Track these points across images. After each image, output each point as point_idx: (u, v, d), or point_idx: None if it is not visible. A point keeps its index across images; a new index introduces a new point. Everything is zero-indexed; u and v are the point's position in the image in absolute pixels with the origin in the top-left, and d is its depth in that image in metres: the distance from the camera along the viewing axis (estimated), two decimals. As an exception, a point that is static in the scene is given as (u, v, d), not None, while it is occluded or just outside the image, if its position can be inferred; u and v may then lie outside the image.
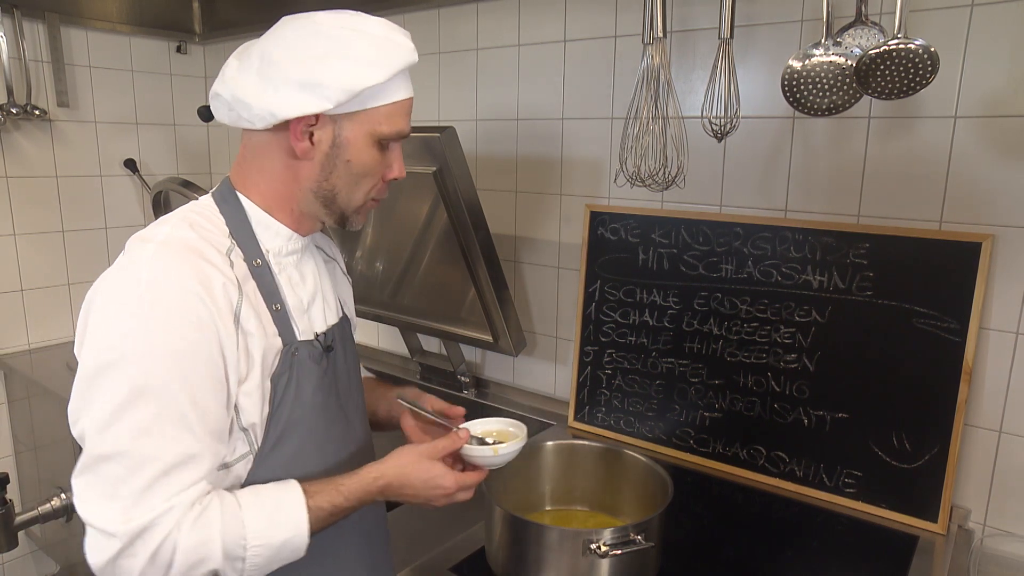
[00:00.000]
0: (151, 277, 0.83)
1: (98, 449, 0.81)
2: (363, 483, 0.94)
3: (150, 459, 0.80)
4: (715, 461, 1.56)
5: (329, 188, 0.94)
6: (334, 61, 0.86)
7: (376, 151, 0.94)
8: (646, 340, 1.66)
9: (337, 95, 0.86)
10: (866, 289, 1.37)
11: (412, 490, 0.96)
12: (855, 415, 1.39)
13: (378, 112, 0.91)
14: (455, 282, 1.79)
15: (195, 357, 0.83)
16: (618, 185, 1.52)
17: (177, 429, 0.81)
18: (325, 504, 0.90)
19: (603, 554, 1.04)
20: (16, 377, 2.35)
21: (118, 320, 0.82)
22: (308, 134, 0.90)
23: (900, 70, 1.12)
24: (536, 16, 1.80)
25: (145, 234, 0.89)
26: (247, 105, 0.88)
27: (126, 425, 0.80)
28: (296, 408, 0.94)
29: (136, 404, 0.80)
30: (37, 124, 2.35)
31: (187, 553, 0.81)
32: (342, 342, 1.06)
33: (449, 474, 0.97)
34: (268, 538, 0.85)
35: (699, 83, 1.54)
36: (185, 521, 0.81)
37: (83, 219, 2.50)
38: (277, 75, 0.87)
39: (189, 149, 2.80)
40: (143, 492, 0.80)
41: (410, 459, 0.97)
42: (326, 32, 0.88)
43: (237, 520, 0.84)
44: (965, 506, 1.36)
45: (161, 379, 0.80)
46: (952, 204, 1.31)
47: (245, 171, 0.97)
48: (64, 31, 2.37)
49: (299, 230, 0.99)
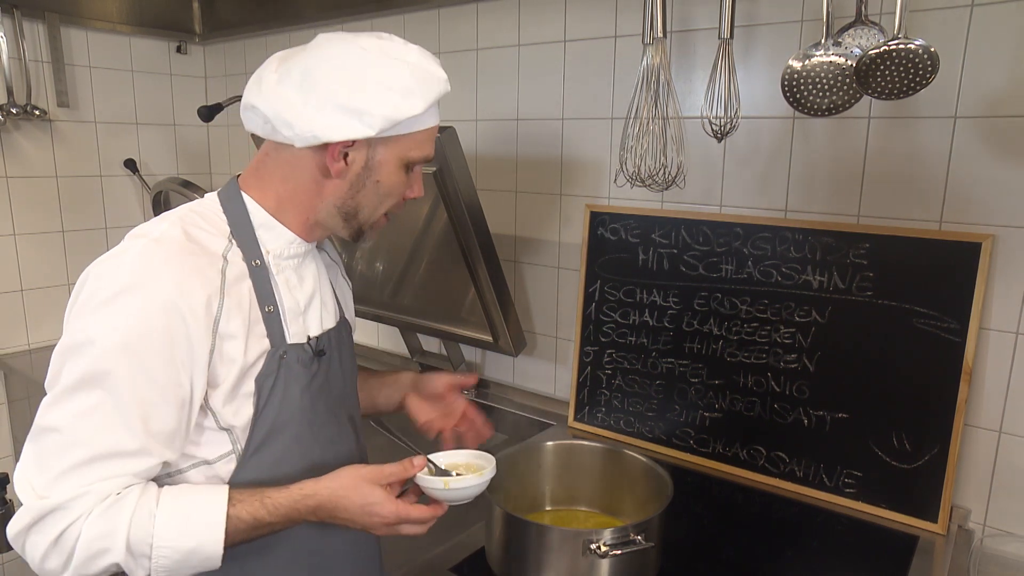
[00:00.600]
0: (133, 272, 0.84)
1: (43, 420, 0.84)
2: (292, 499, 0.88)
3: (82, 442, 0.82)
4: (715, 461, 1.56)
5: (354, 205, 0.97)
6: (378, 89, 0.89)
7: (403, 173, 0.97)
8: (646, 340, 1.66)
9: (380, 123, 0.89)
10: (866, 289, 1.37)
11: (347, 514, 0.90)
12: (855, 415, 1.39)
13: (411, 138, 0.94)
14: (455, 282, 1.79)
15: (154, 357, 0.83)
16: (618, 185, 1.52)
17: (116, 422, 0.83)
18: (245, 515, 0.86)
19: (603, 554, 1.04)
20: (16, 377, 2.35)
21: (93, 307, 0.84)
22: (343, 155, 0.92)
23: (900, 70, 1.12)
24: (536, 16, 1.80)
25: (142, 229, 0.91)
26: (289, 123, 0.89)
27: (72, 405, 0.82)
28: (283, 411, 0.95)
29: (85, 388, 0.82)
30: (37, 124, 2.35)
31: (89, 541, 0.81)
32: (338, 347, 1.06)
33: (389, 502, 0.90)
34: (175, 541, 0.83)
35: (699, 83, 1.54)
36: (96, 510, 0.81)
37: (83, 219, 2.50)
38: (320, 97, 0.88)
39: (189, 149, 2.80)
40: (66, 472, 0.81)
41: (348, 480, 0.90)
42: (370, 59, 0.90)
43: (148, 517, 0.82)
44: (965, 506, 1.36)
45: (114, 371, 0.82)
46: (952, 204, 1.31)
47: (261, 176, 0.98)
48: (64, 31, 2.37)
49: (306, 236, 1.00)
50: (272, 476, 0.94)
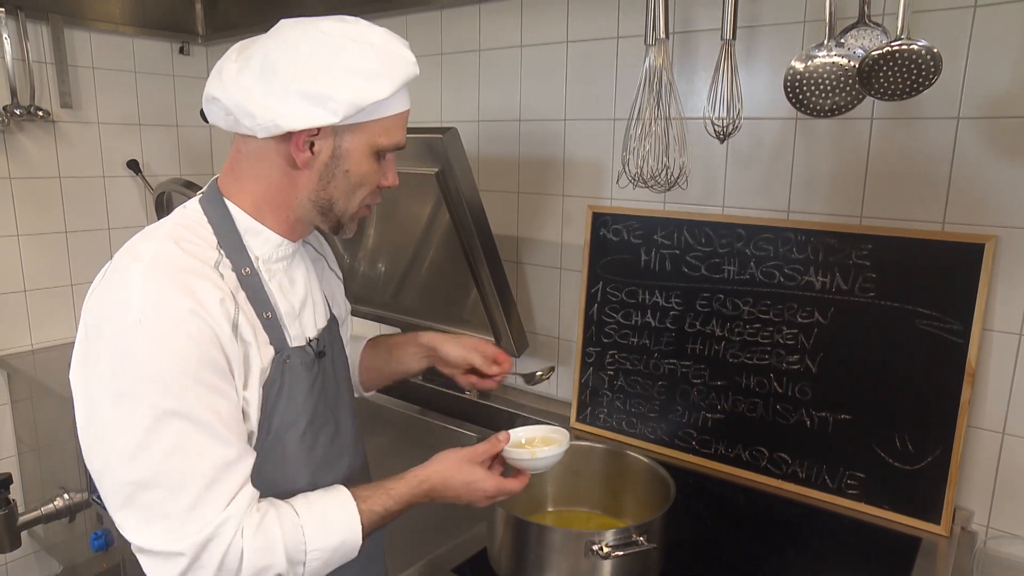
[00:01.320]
0: (145, 301, 0.81)
1: (132, 477, 0.80)
2: (410, 486, 0.98)
3: (190, 475, 0.81)
4: (717, 462, 1.56)
5: (327, 197, 0.94)
6: (342, 74, 0.85)
7: (374, 161, 0.94)
8: (648, 341, 1.65)
9: (344, 109, 0.86)
10: (869, 290, 1.36)
11: (454, 492, 1.01)
12: (858, 416, 1.39)
13: (378, 124, 0.91)
14: (457, 283, 1.79)
15: (206, 369, 0.83)
16: (620, 186, 1.52)
17: (207, 441, 0.82)
18: (378, 507, 0.95)
19: (605, 555, 1.04)
20: (19, 377, 2.35)
21: (123, 351, 0.80)
22: (309, 144, 0.89)
23: (903, 71, 1.12)
24: (538, 17, 1.80)
25: (133, 250, 0.87)
26: (250, 114, 0.86)
27: (157, 449, 0.80)
28: (287, 414, 0.95)
29: (162, 426, 0.80)
30: (40, 125, 2.35)
31: (253, 558, 0.83)
32: (331, 344, 1.06)
33: (490, 478, 1.01)
34: (325, 542, 0.89)
35: (701, 84, 1.54)
36: (247, 527, 0.84)
37: (86, 220, 2.51)
38: (282, 84, 0.85)
39: (192, 150, 2.81)
40: (192, 508, 0.80)
41: (452, 463, 1.01)
42: (332, 43, 0.87)
43: (295, 526, 0.88)
44: (968, 508, 1.35)
45: (179, 397, 0.80)
46: (955, 205, 1.31)
47: (237, 176, 0.95)
48: (68, 32, 2.37)
49: (290, 236, 0.99)
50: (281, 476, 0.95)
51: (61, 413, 2.09)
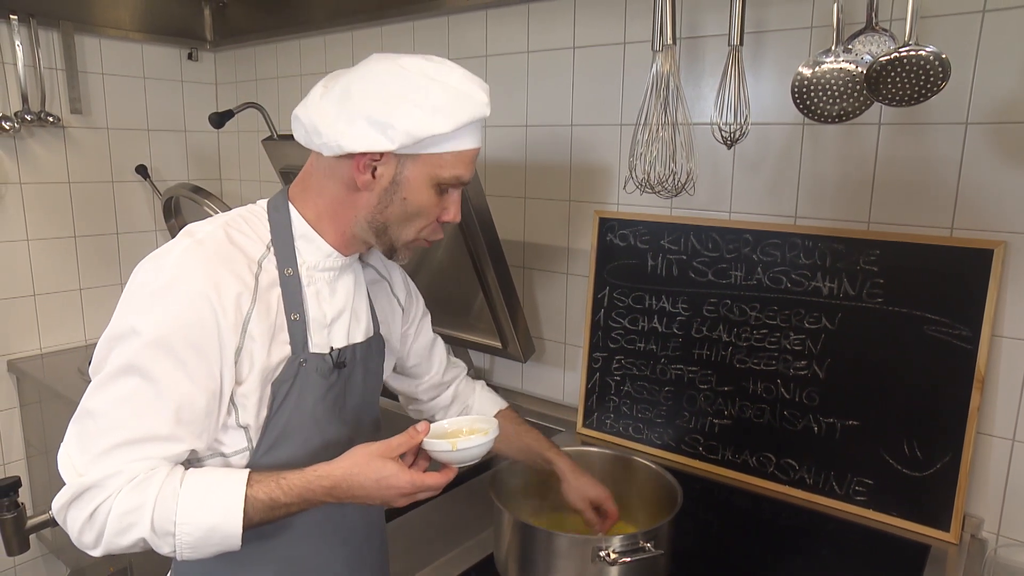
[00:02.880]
0: (173, 269, 0.89)
1: (87, 403, 0.89)
2: (306, 479, 0.90)
3: (119, 426, 0.87)
4: (724, 468, 1.56)
5: (383, 221, 0.97)
6: (406, 106, 0.89)
7: (433, 194, 0.96)
8: (655, 346, 1.65)
9: (401, 138, 0.90)
10: (876, 296, 1.36)
11: (363, 491, 0.91)
12: (865, 422, 1.38)
13: (441, 158, 0.94)
14: (464, 288, 1.79)
15: (187, 349, 0.87)
16: (627, 192, 1.52)
17: (151, 409, 0.87)
18: (262, 495, 0.88)
19: (612, 561, 1.04)
20: (28, 381, 2.36)
21: (136, 300, 0.89)
22: (371, 168, 0.93)
23: (911, 77, 1.12)
24: (545, 23, 1.81)
25: (191, 228, 0.96)
26: (319, 132, 0.92)
27: (112, 392, 0.87)
28: (295, 417, 0.96)
29: (125, 376, 0.87)
30: (51, 131, 2.37)
31: (118, 516, 0.85)
32: (363, 361, 1.06)
33: (403, 472, 0.91)
34: (196, 518, 0.86)
35: (708, 90, 1.54)
36: (125, 487, 0.85)
37: (95, 225, 2.52)
38: (353, 109, 0.91)
39: (200, 155, 2.82)
40: (105, 452, 0.86)
41: (360, 458, 0.92)
42: (407, 77, 0.91)
43: (172, 494, 0.86)
44: (978, 515, 1.34)
45: (151, 361, 0.86)
46: (963, 211, 1.30)
47: (305, 187, 1.00)
48: (78, 39, 2.40)
49: (343, 250, 1.02)
50: None
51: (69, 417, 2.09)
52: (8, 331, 2.36)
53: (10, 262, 2.33)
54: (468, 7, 1.93)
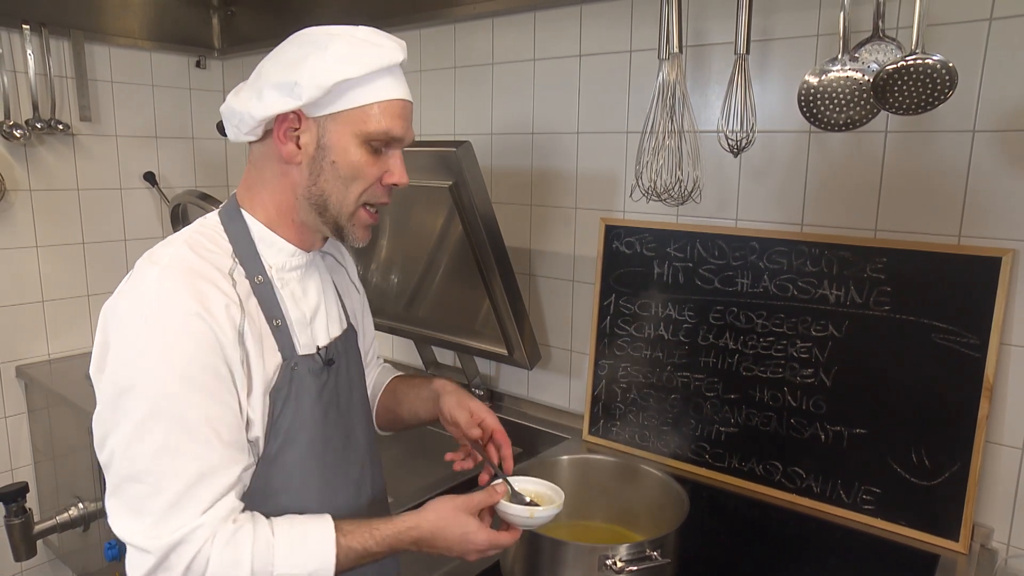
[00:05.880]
0: (154, 301, 0.85)
1: (123, 470, 0.84)
2: (397, 530, 0.93)
3: (172, 476, 0.83)
4: (731, 476, 1.55)
5: (319, 192, 0.95)
6: (309, 61, 0.89)
7: (365, 152, 0.93)
8: (661, 354, 1.65)
9: (309, 91, 0.88)
10: (884, 304, 1.36)
11: (445, 543, 0.95)
12: (873, 431, 1.38)
13: (361, 112, 0.92)
14: (470, 295, 1.79)
15: (203, 373, 0.85)
16: (633, 199, 1.52)
17: (195, 445, 0.84)
18: (356, 545, 0.90)
19: (619, 570, 1.04)
20: (36, 387, 2.38)
21: (129, 345, 0.84)
22: (294, 138, 0.93)
23: (918, 85, 1.12)
24: (551, 31, 1.81)
25: (151, 256, 0.91)
26: (235, 112, 0.93)
27: (147, 445, 0.83)
28: (295, 421, 0.96)
29: (153, 424, 0.83)
30: (60, 138, 2.39)
31: (218, 570, 0.83)
32: (345, 353, 1.07)
33: (483, 531, 0.95)
34: (294, 568, 0.86)
35: (715, 97, 1.54)
36: (219, 537, 0.83)
37: (103, 231, 2.54)
38: (261, 82, 0.92)
39: (207, 162, 2.84)
40: (170, 508, 0.82)
41: (447, 512, 0.95)
42: (309, 39, 0.92)
43: (268, 545, 0.85)
44: (988, 525, 1.33)
45: (173, 399, 0.83)
46: (971, 218, 1.30)
47: (249, 186, 0.99)
48: (88, 48, 2.42)
49: (303, 245, 1.01)
50: (287, 484, 0.96)
51: (77, 423, 2.11)
52: (16, 337, 2.38)
53: (19, 268, 2.35)
54: (475, 15, 1.93)
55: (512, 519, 0.99)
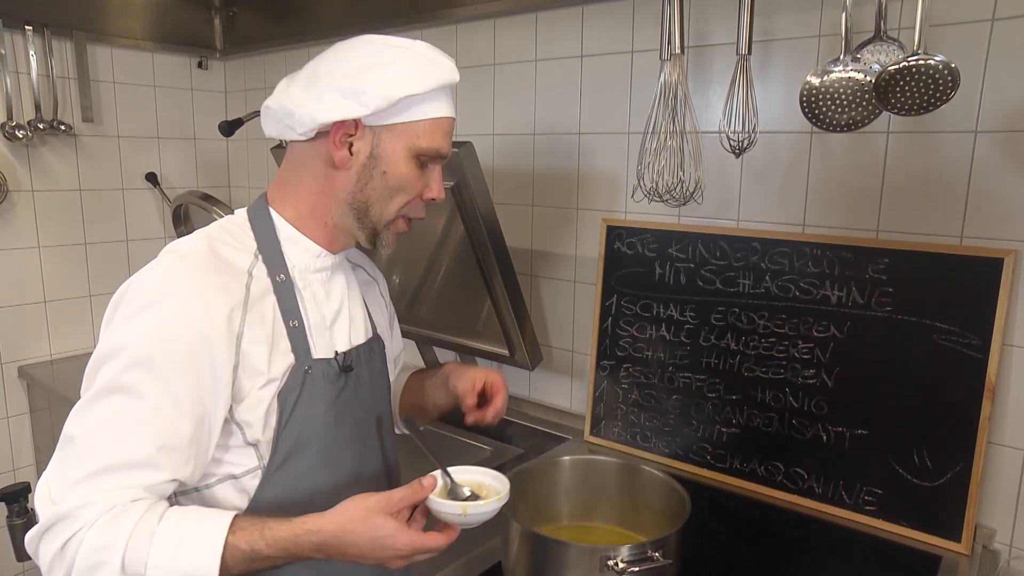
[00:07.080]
0: (158, 288, 0.87)
1: (68, 428, 0.85)
2: (293, 532, 0.82)
3: (95, 452, 0.82)
4: (733, 477, 1.55)
5: (363, 199, 0.96)
6: (376, 72, 0.90)
7: (414, 166, 0.95)
8: (663, 355, 1.65)
9: (375, 102, 0.89)
10: (885, 305, 1.36)
11: (356, 550, 0.83)
12: (875, 432, 1.38)
13: (417, 127, 0.93)
14: (472, 295, 1.79)
15: (172, 372, 0.84)
16: (635, 200, 1.52)
17: (129, 434, 0.83)
18: (243, 544, 0.81)
19: (620, 571, 1.03)
20: (38, 387, 2.38)
21: (121, 320, 0.87)
22: (348, 144, 0.93)
23: (920, 86, 1.12)
24: (553, 31, 1.82)
25: (174, 245, 0.93)
26: (290, 112, 0.92)
27: (93, 415, 0.84)
28: (307, 426, 0.94)
29: (106, 398, 0.84)
30: (62, 139, 2.40)
31: (88, 553, 0.79)
32: (368, 363, 1.06)
33: (403, 533, 0.83)
34: (170, 564, 0.79)
35: (716, 98, 1.54)
36: (100, 521, 0.79)
37: (105, 232, 2.54)
38: (321, 86, 0.91)
39: (209, 163, 2.84)
40: (81, 480, 0.81)
41: (356, 513, 0.83)
42: (371, 49, 0.93)
43: (147, 535, 0.79)
44: (990, 526, 1.33)
45: (133, 383, 0.83)
46: (973, 219, 1.30)
47: (283, 184, 0.99)
48: (90, 48, 2.42)
49: (330, 247, 1.01)
50: (297, 491, 0.94)
51: (79, 423, 2.11)
52: (19, 337, 2.38)
53: (21, 269, 2.35)
54: (476, 16, 1.93)
55: (445, 517, 0.88)
